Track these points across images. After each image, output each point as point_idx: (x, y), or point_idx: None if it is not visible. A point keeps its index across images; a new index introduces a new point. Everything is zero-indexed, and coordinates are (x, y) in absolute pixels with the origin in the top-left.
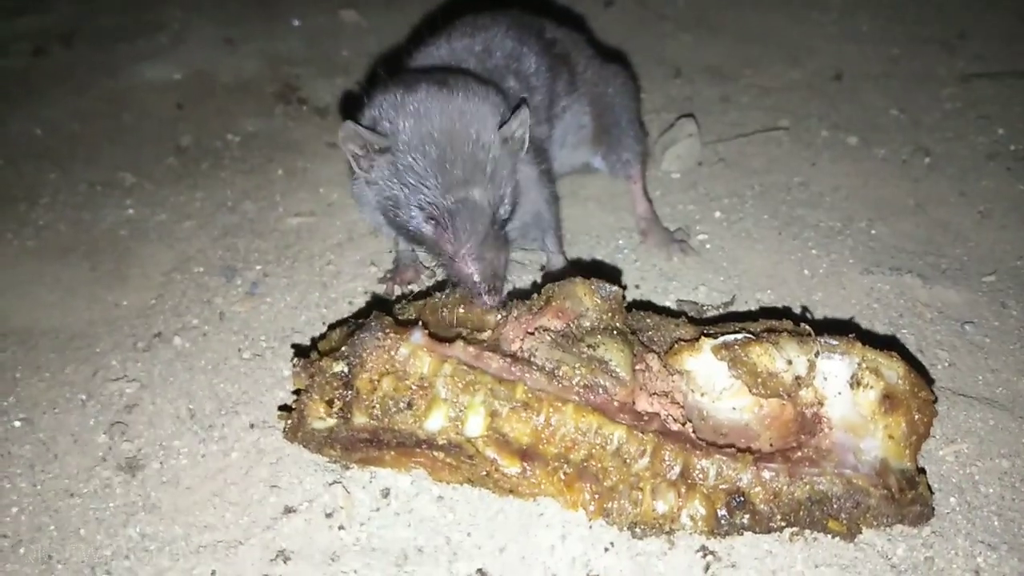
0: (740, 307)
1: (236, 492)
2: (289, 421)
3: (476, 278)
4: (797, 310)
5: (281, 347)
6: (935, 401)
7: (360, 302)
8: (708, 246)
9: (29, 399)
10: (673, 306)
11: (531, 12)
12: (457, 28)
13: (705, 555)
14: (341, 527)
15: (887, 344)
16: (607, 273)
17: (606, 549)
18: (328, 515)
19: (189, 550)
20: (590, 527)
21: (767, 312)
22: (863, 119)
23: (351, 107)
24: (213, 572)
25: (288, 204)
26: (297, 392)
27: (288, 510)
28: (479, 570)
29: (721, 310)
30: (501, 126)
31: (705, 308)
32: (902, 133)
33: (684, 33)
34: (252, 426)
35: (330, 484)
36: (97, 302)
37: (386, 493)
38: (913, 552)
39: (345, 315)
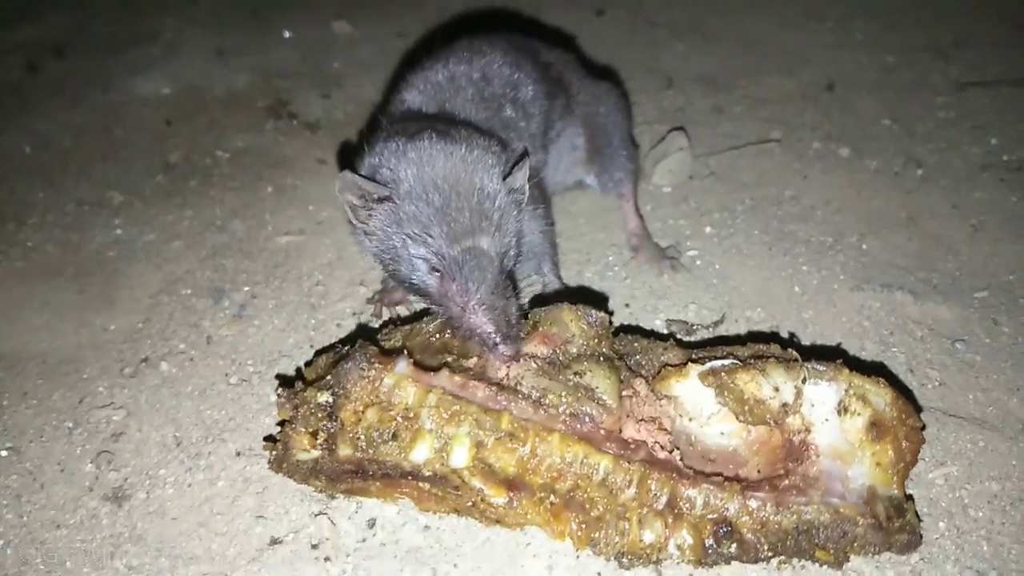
0: (730, 325)
1: (222, 522)
2: (274, 452)
3: (490, 329)
4: (787, 328)
5: (268, 371)
6: (923, 428)
7: (349, 324)
8: (699, 262)
9: (16, 427)
10: (663, 325)
11: (522, 24)
12: (455, 52)
13: None
14: (327, 559)
15: (875, 369)
16: (594, 297)
17: None
18: (314, 546)
19: None
20: (577, 557)
21: (755, 336)
22: (856, 130)
23: (348, 157)
24: None
25: (277, 222)
26: (282, 423)
27: (274, 541)
28: None
29: (711, 329)
30: (505, 176)
31: (695, 327)
32: (895, 143)
33: (677, 41)
34: (238, 454)
35: (316, 515)
36: (85, 326)
37: (372, 524)
38: None
39: (334, 337)
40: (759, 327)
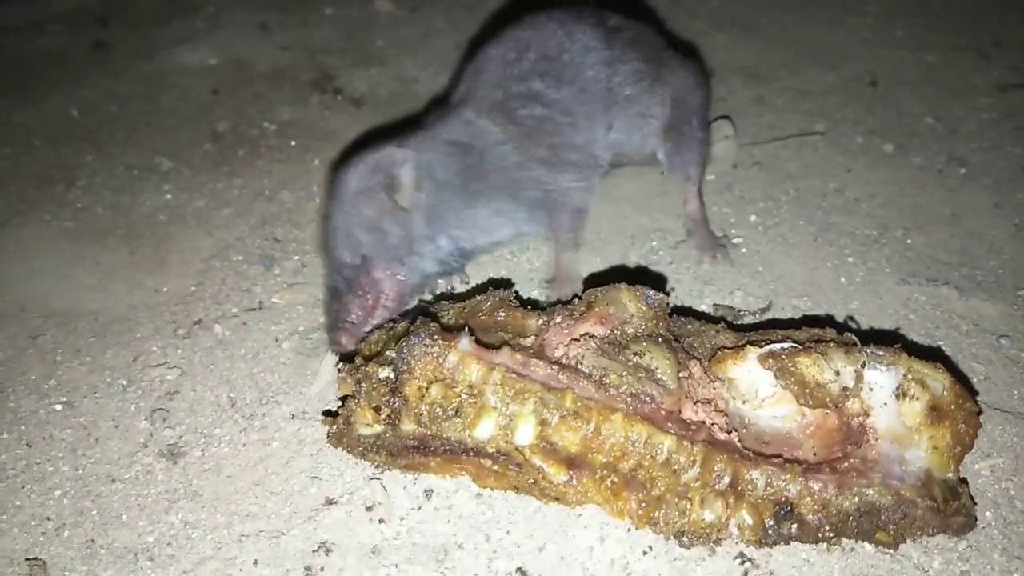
0: (777, 312)
1: (277, 482)
2: (334, 427)
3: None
4: (836, 318)
5: (319, 338)
6: (980, 413)
7: None
8: (744, 250)
9: (70, 383)
10: (709, 310)
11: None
12: (519, 25)
13: (743, 562)
14: (381, 520)
15: (931, 355)
16: (650, 279)
17: (644, 552)
18: (368, 508)
19: (231, 539)
20: (628, 530)
21: (809, 320)
22: (899, 126)
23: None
24: (255, 562)
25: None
26: (343, 398)
27: (329, 502)
28: (519, 569)
29: (758, 315)
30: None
31: (742, 313)
32: (937, 142)
33: (718, 33)
34: (292, 416)
35: (370, 479)
36: (137, 287)
37: (429, 493)
38: (949, 565)
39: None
40: (806, 316)
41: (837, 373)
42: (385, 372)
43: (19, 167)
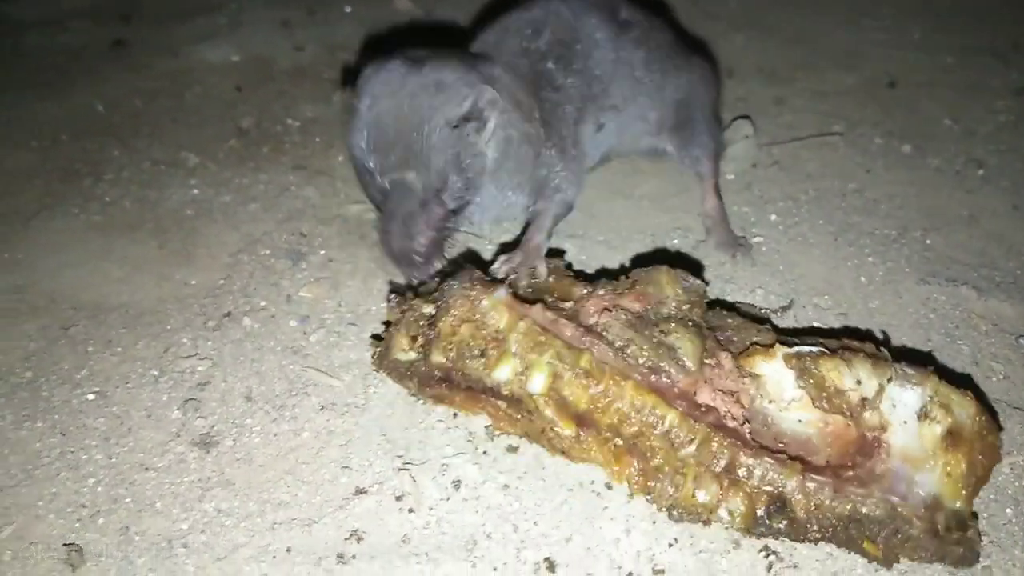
0: (798, 311)
1: (308, 471)
2: (378, 349)
3: (392, 254)
4: (855, 317)
5: (347, 332)
6: (1001, 447)
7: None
8: (764, 248)
9: (101, 373)
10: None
11: None
12: (523, 7)
13: (768, 555)
14: (411, 510)
15: (964, 382)
16: (690, 265)
17: (670, 544)
18: (398, 498)
19: (264, 526)
20: (654, 522)
21: (850, 331)
22: (917, 127)
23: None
24: (288, 549)
25: (349, 191)
26: (387, 324)
27: (359, 491)
28: (546, 559)
29: (779, 314)
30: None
31: (763, 311)
32: (955, 143)
33: (736, 33)
34: (322, 408)
35: (399, 469)
36: (166, 280)
37: (457, 483)
38: None
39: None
40: (827, 314)
41: (859, 382)
42: (428, 308)
43: (46, 161)
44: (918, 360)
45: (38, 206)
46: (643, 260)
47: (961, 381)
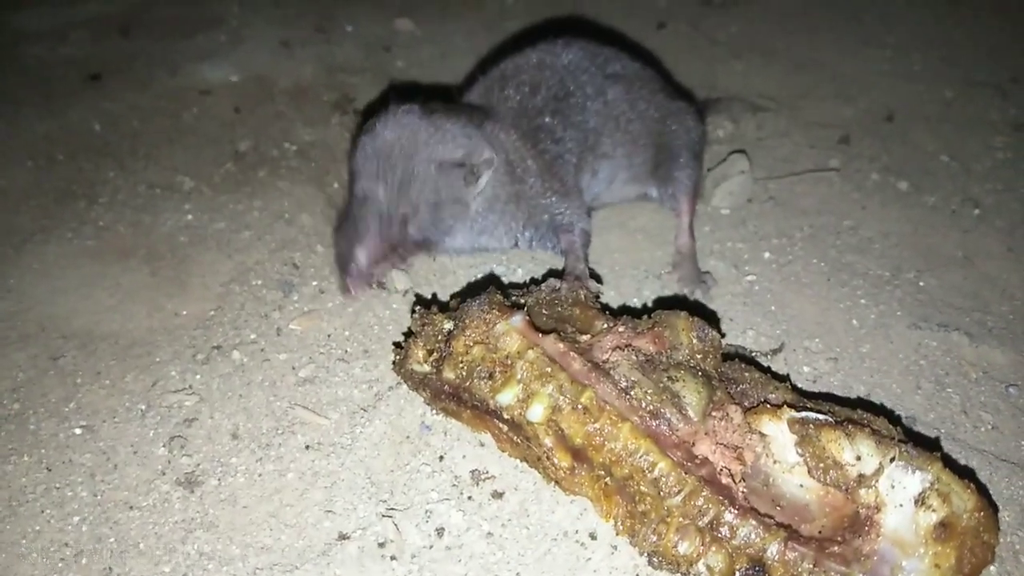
0: (788, 355)
1: (292, 514)
2: (398, 356)
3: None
4: (846, 362)
5: (335, 367)
6: (996, 547)
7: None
8: (756, 288)
9: (89, 406)
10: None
11: (587, 34)
12: (521, 55)
13: None
14: (393, 557)
15: (967, 473)
16: (714, 319)
17: None
18: (380, 544)
19: (246, 571)
20: (637, 575)
21: (864, 404)
22: (914, 164)
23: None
24: None
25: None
26: (408, 333)
27: (342, 536)
28: None
29: (769, 357)
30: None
31: (753, 354)
32: (952, 181)
33: (736, 60)
34: (307, 447)
35: (382, 516)
36: (158, 310)
37: (440, 531)
38: None
39: (399, 337)
40: (817, 358)
41: (858, 458)
42: (448, 324)
43: (42, 181)
44: (926, 444)
45: (33, 228)
46: (659, 303)
47: (965, 471)
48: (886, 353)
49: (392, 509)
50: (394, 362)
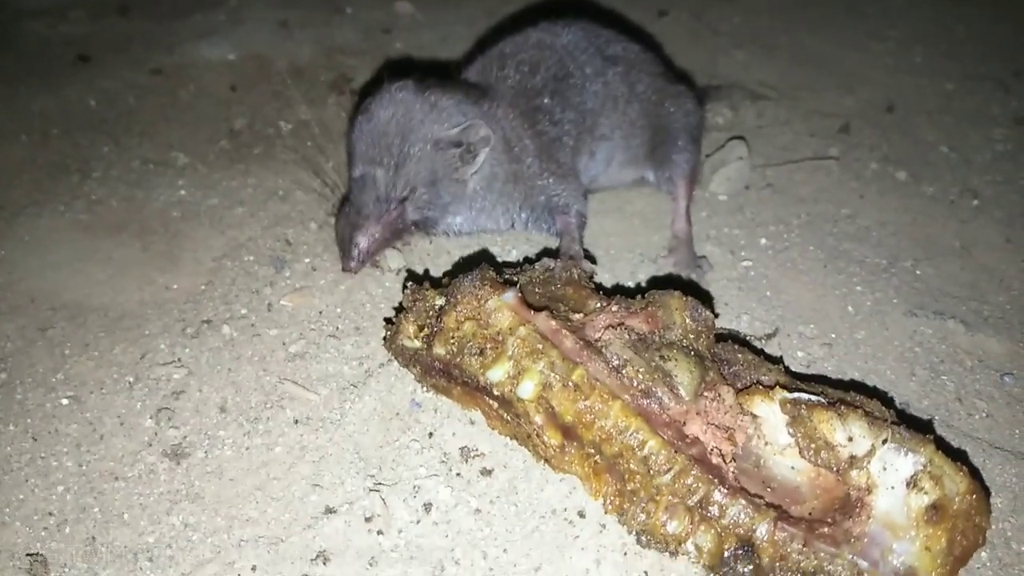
0: (782, 340)
1: (279, 488)
2: (388, 332)
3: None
4: (840, 348)
5: (326, 344)
6: (987, 530)
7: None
8: (752, 273)
9: (77, 377)
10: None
11: (588, 17)
12: (521, 35)
13: None
14: (380, 532)
15: (959, 456)
16: (702, 296)
17: None
18: (367, 519)
19: (231, 543)
20: (624, 554)
21: (857, 386)
22: (913, 154)
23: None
24: (254, 567)
25: (337, 198)
26: (399, 309)
27: (329, 510)
28: None
29: (763, 341)
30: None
31: (747, 338)
32: (951, 172)
33: (737, 50)
34: (296, 422)
35: (369, 490)
36: (148, 283)
37: (428, 506)
38: None
39: (391, 315)
40: (812, 343)
41: (850, 439)
42: (439, 300)
43: (36, 156)
44: (921, 427)
45: (26, 202)
46: (654, 286)
47: (958, 456)
48: (881, 340)
49: (380, 484)
50: (385, 338)
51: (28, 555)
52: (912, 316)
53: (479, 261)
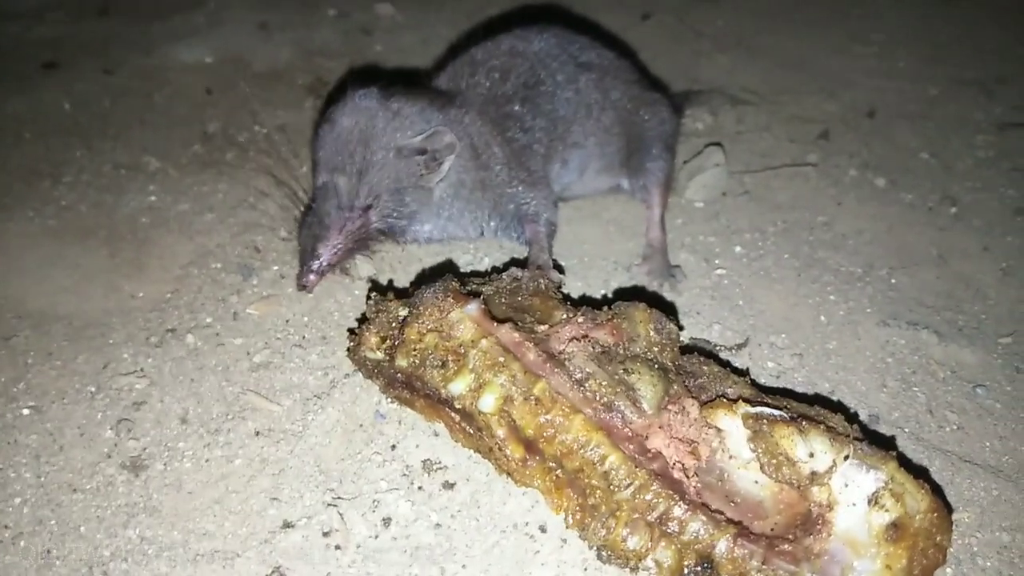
0: (752, 350)
1: (237, 501)
2: (351, 343)
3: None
4: (812, 358)
5: (290, 354)
6: (948, 549)
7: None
8: (726, 282)
9: (39, 387)
10: (685, 342)
11: (567, 22)
12: (493, 41)
13: None
14: (338, 547)
15: (921, 473)
16: (666, 308)
17: None
18: (325, 534)
19: (187, 557)
20: (585, 569)
21: (822, 400)
22: (893, 160)
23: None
24: None
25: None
26: (362, 320)
27: (287, 524)
28: None
29: (734, 352)
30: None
31: (718, 348)
32: (931, 179)
33: (720, 54)
34: (257, 434)
35: (328, 505)
36: (114, 291)
37: (387, 521)
38: None
39: (354, 324)
40: (783, 354)
41: (811, 455)
42: (402, 311)
43: (8, 160)
44: (883, 443)
45: None
46: (624, 295)
47: (926, 469)
48: (853, 350)
49: (339, 498)
50: (348, 349)
51: None
52: (885, 326)
53: (445, 271)
